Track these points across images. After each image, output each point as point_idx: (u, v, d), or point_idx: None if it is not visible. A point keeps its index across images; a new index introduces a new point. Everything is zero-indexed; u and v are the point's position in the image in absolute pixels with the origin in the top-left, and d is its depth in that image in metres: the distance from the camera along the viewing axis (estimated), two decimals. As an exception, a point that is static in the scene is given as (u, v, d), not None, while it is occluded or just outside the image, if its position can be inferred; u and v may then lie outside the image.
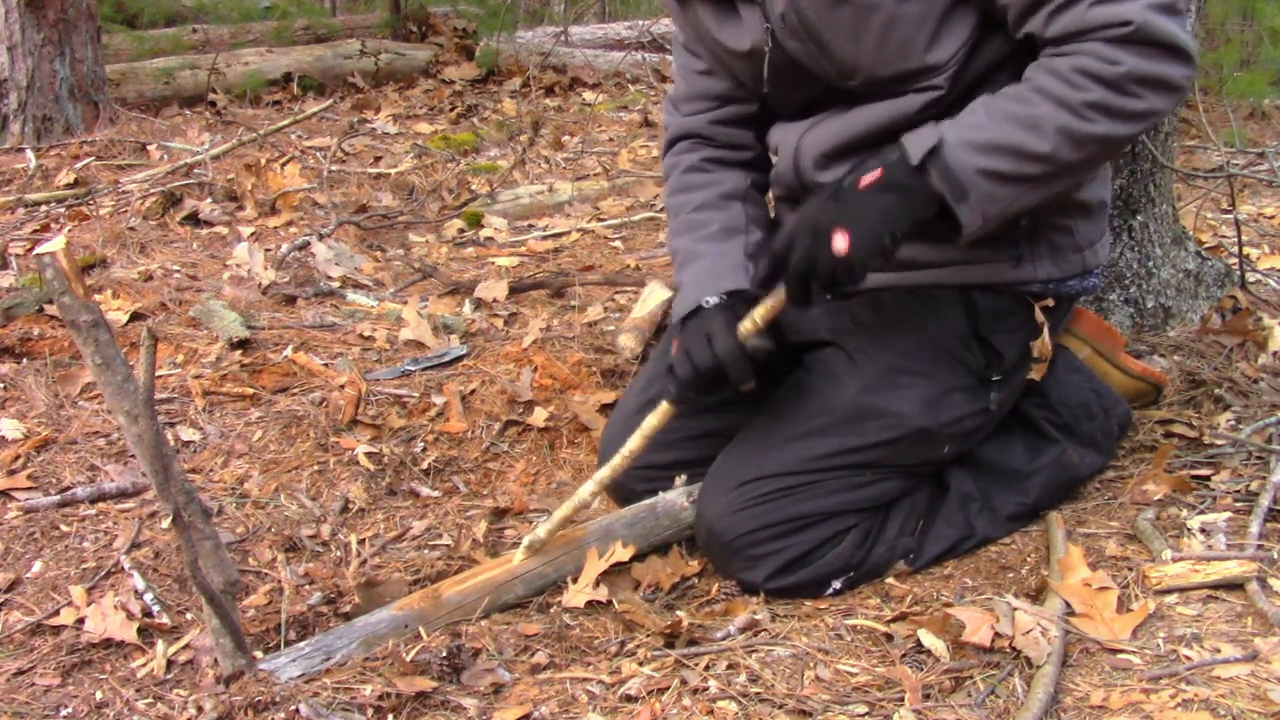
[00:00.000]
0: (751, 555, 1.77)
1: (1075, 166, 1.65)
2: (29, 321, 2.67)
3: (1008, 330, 1.85)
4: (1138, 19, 1.54)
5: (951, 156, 1.61)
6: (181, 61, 5.64)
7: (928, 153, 1.61)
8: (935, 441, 1.82)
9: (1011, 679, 1.51)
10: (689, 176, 2.00)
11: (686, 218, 1.96)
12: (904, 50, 1.68)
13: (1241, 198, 3.96)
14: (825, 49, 1.72)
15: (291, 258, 3.25)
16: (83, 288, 1.41)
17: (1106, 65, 1.56)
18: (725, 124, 1.99)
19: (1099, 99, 1.57)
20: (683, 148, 2.03)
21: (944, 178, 1.61)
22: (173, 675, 1.63)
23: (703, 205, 1.96)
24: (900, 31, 1.66)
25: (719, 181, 1.98)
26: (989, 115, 1.62)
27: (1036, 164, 1.61)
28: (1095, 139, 1.60)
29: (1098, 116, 1.58)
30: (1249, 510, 1.83)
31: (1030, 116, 1.60)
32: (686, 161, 2.01)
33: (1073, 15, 1.58)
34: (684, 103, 2.02)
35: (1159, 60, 1.56)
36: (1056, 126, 1.59)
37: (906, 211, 1.62)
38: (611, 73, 6.57)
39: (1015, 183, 1.62)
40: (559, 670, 1.61)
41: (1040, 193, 1.66)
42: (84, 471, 2.15)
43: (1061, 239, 1.85)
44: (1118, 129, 1.60)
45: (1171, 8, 1.57)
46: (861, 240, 1.60)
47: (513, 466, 2.29)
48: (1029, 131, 1.59)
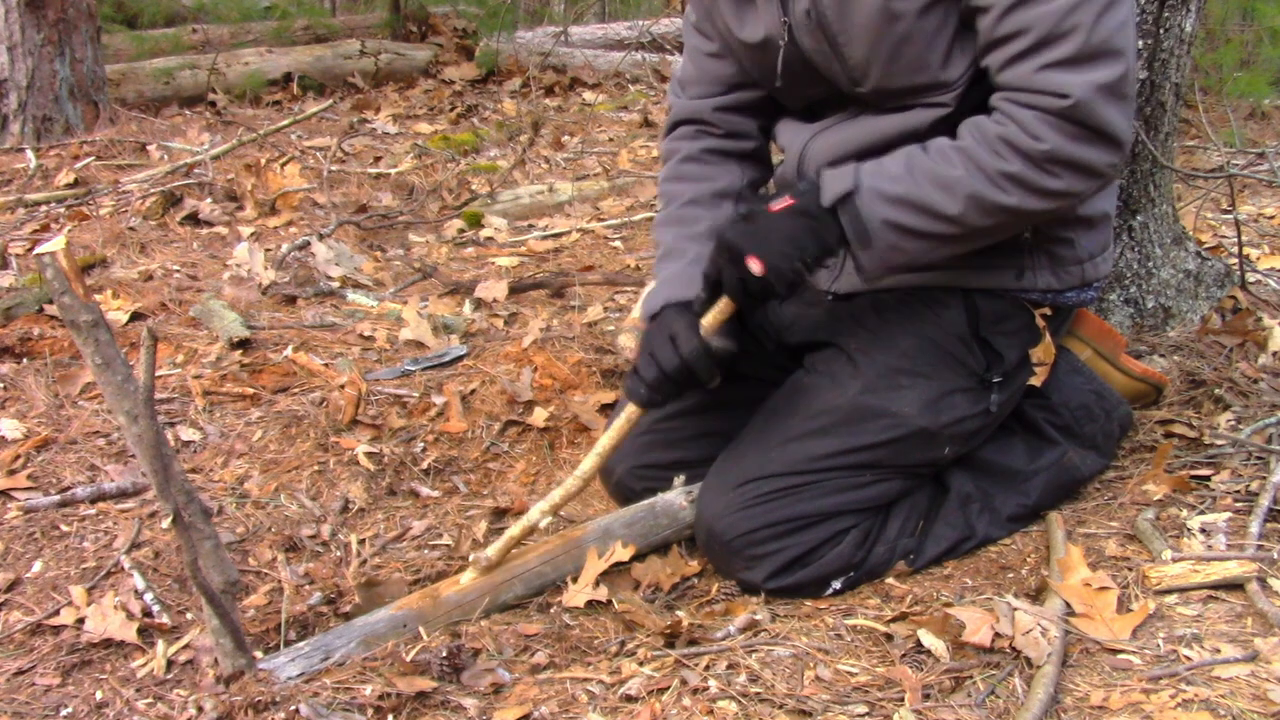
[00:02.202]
0: (751, 555, 1.77)
1: (983, 232, 1.67)
2: (29, 321, 2.67)
3: (1008, 332, 1.86)
4: (1078, 95, 1.55)
5: (862, 204, 1.64)
6: (181, 61, 5.64)
7: (840, 197, 1.64)
8: (935, 442, 1.82)
9: (1011, 679, 1.51)
10: (686, 166, 2.00)
11: (676, 210, 1.97)
12: (917, 64, 1.68)
13: (1241, 198, 3.96)
14: (839, 51, 1.72)
15: (291, 258, 3.25)
16: (83, 288, 1.41)
17: (1031, 140, 1.57)
18: (730, 110, 1.98)
19: (1016, 171, 1.59)
20: (684, 133, 2.02)
21: (852, 224, 1.64)
22: (173, 675, 1.63)
23: (694, 200, 1.96)
24: (916, 45, 1.67)
25: (714, 177, 1.98)
26: (908, 168, 1.64)
27: (944, 224, 1.63)
28: (1005, 209, 1.62)
29: (1012, 188, 1.60)
30: (1249, 510, 1.83)
31: (946, 177, 1.62)
32: (686, 149, 2.01)
33: (1022, 70, 1.58)
34: (690, 85, 2.01)
35: (1085, 144, 1.57)
36: (969, 192, 1.61)
37: (814, 239, 1.65)
38: (611, 73, 6.57)
39: (920, 238, 1.65)
40: (559, 670, 1.61)
41: (946, 251, 1.69)
42: (84, 471, 2.15)
43: (1063, 251, 1.85)
44: (1030, 203, 1.62)
45: (1116, 90, 1.57)
46: (772, 264, 1.64)
47: (513, 466, 2.29)
48: (941, 191, 1.62)
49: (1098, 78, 1.55)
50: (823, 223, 1.65)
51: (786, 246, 1.64)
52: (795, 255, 1.64)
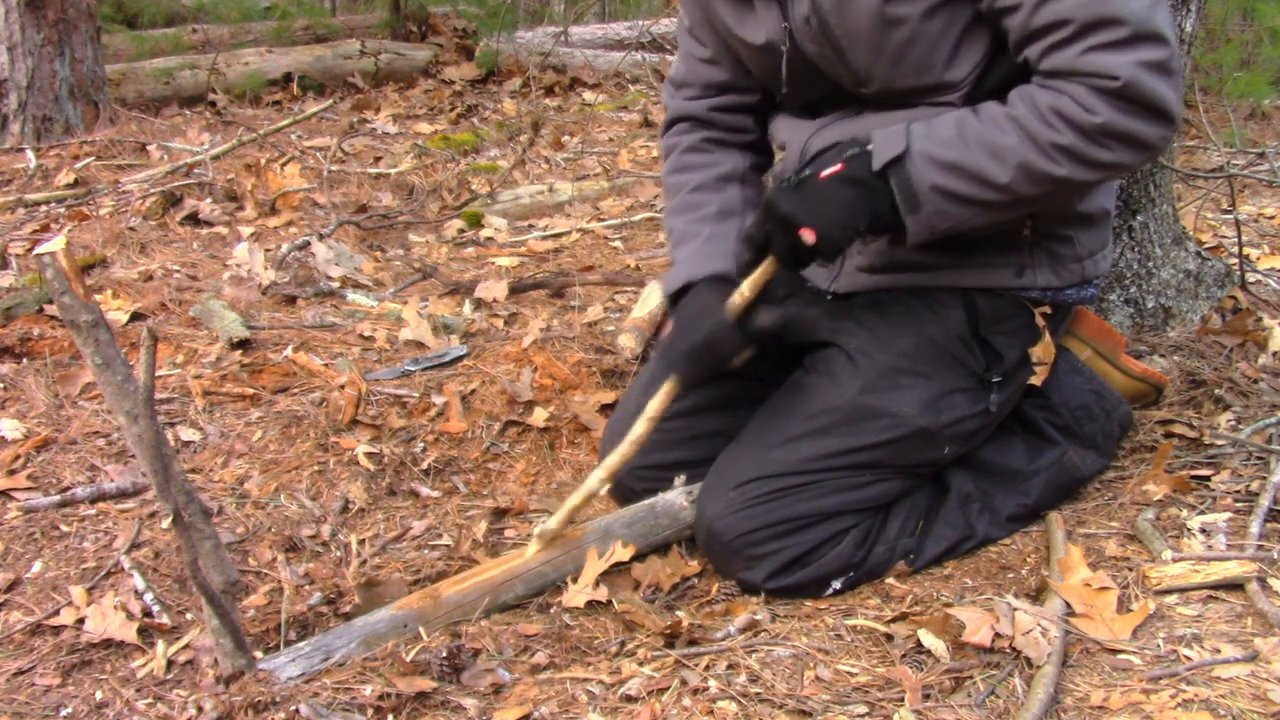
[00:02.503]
0: (751, 555, 1.77)
1: (1031, 200, 1.67)
2: (29, 321, 2.67)
3: (1008, 332, 1.86)
4: (1126, 75, 1.54)
5: (913, 168, 1.63)
6: (181, 61, 5.64)
7: (890, 161, 1.64)
8: (935, 442, 1.82)
9: (1011, 679, 1.51)
10: (687, 156, 2.01)
11: (684, 198, 1.98)
12: (922, 66, 1.68)
13: (1241, 198, 3.96)
14: (843, 56, 1.72)
15: (291, 258, 3.25)
16: (83, 288, 1.41)
17: (1084, 113, 1.57)
18: (725, 110, 1.99)
19: (1068, 143, 1.59)
20: (682, 129, 2.04)
21: (901, 187, 1.64)
22: (173, 675, 1.63)
23: (700, 186, 1.97)
24: (920, 47, 1.67)
25: (717, 163, 1.98)
26: (959, 133, 1.64)
27: (993, 191, 1.63)
28: (1055, 180, 1.62)
29: (1063, 159, 1.60)
30: (1249, 510, 1.83)
31: (997, 145, 1.61)
32: (686, 141, 2.02)
33: (1065, 55, 1.58)
34: (684, 87, 2.02)
35: (1137, 118, 1.57)
36: (1019, 161, 1.60)
37: (866, 206, 1.65)
38: (611, 73, 6.57)
39: (969, 204, 1.65)
40: (559, 670, 1.61)
41: (992, 217, 1.69)
42: (84, 471, 2.15)
43: (1062, 249, 1.85)
44: (1080, 174, 1.62)
45: (1164, 67, 1.56)
46: (826, 233, 1.64)
47: (513, 466, 2.29)
48: (992, 159, 1.61)
49: (1143, 56, 1.54)
50: (873, 189, 1.65)
51: (838, 214, 1.64)
52: (847, 223, 1.65)
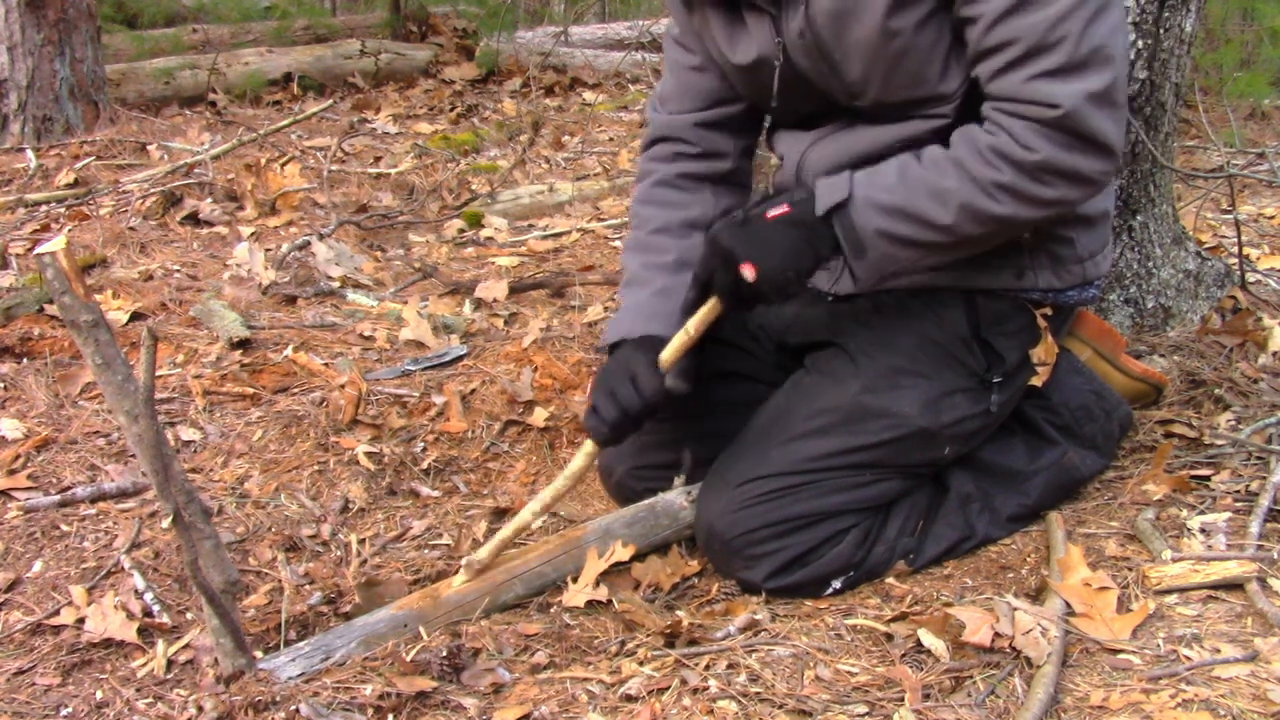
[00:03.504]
0: (751, 554, 1.77)
1: (975, 240, 1.68)
2: (29, 321, 2.67)
3: (1009, 333, 1.86)
4: (1068, 105, 1.54)
5: (856, 214, 1.64)
6: (181, 61, 5.64)
7: (833, 206, 1.64)
8: (936, 442, 1.82)
9: (1011, 679, 1.51)
10: (659, 190, 1.99)
11: (644, 236, 1.96)
12: (916, 78, 1.68)
13: (1241, 198, 3.96)
14: (836, 69, 1.72)
15: (291, 258, 3.25)
16: (83, 287, 1.41)
17: (1023, 150, 1.57)
18: (709, 127, 1.97)
19: (1009, 181, 1.59)
20: (660, 153, 2.01)
21: (845, 233, 1.65)
22: (173, 675, 1.63)
23: (663, 228, 1.95)
24: (913, 60, 1.67)
25: (686, 205, 1.96)
26: (901, 178, 1.64)
27: (937, 233, 1.64)
28: (997, 219, 1.63)
29: (1005, 198, 1.60)
30: (1249, 510, 1.83)
31: (939, 188, 1.62)
32: (661, 172, 1.99)
33: (1012, 80, 1.58)
34: (670, 100, 2.00)
35: (1077, 153, 1.57)
36: (961, 202, 1.61)
37: (809, 249, 1.66)
38: (611, 73, 6.58)
39: (914, 247, 1.66)
40: (559, 670, 1.61)
41: (938, 258, 1.71)
42: (84, 471, 2.15)
43: (1063, 250, 1.85)
44: (1022, 212, 1.62)
45: (1108, 100, 1.56)
46: (765, 273, 1.64)
47: (513, 466, 2.29)
48: (934, 202, 1.62)
49: (1087, 87, 1.55)
50: (817, 232, 1.66)
51: (781, 256, 1.65)
52: (789, 265, 1.65)
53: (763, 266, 1.64)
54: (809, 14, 1.68)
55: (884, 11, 1.62)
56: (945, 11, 1.65)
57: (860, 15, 1.64)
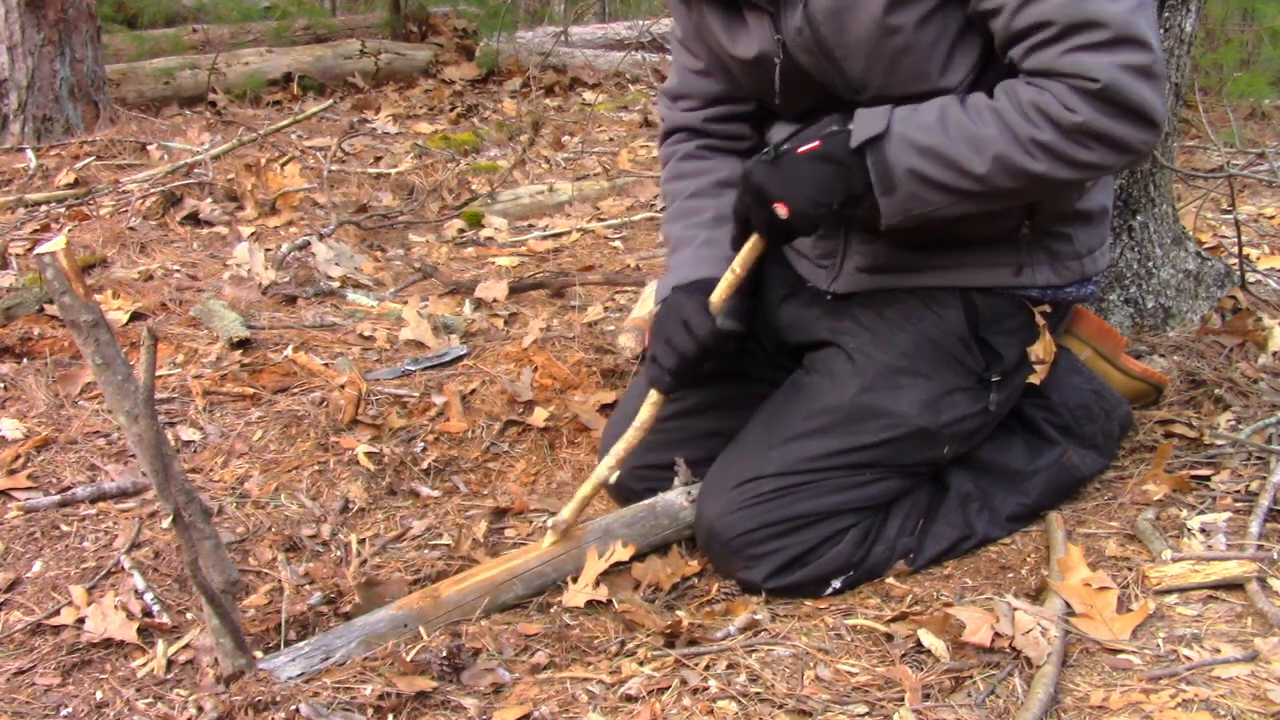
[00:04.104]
0: (751, 554, 1.77)
1: (1007, 193, 1.66)
2: (29, 321, 2.67)
3: (1007, 332, 1.86)
4: (1106, 78, 1.53)
5: (890, 150, 1.63)
6: (181, 61, 5.64)
7: (868, 140, 1.64)
8: (935, 442, 1.82)
9: (1011, 679, 1.51)
10: (684, 164, 2.02)
11: (681, 204, 1.99)
12: (917, 74, 1.68)
13: (1241, 198, 3.96)
14: (838, 66, 1.71)
15: (291, 258, 3.25)
16: (83, 287, 1.41)
17: (1064, 111, 1.56)
18: (719, 121, 2.00)
19: (1048, 140, 1.58)
20: (679, 138, 2.05)
21: (877, 167, 1.64)
22: (173, 675, 1.63)
23: (697, 192, 1.98)
24: (915, 56, 1.66)
25: (714, 169, 1.99)
26: (940, 120, 1.63)
27: (968, 180, 1.63)
28: (1032, 175, 1.61)
29: (1041, 156, 1.59)
30: (1249, 510, 1.83)
31: (977, 135, 1.61)
32: (683, 150, 2.03)
33: (1046, 56, 1.57)
34: (679, 99, 2.03)
35: (1119, 121, 1.56)
36: (997, 153, 1.60)
37: (840, 184, 1.65)
38: (611, 73, 6.57)
39: (944, 191, 1.64)
40: (559, 670, 1.61)
41: (967, 207, 1.68)
42: (84, 471, 2.15)
43: (1061, 247, 1.85)
44: (1058, 172, 1.61)
45: (1146, 70, 1.55)
46: (798, 209, 1.65)
47: (513, 466, 2.29)
48: (970, 149, 1.61)
49: (1125, 59, 1.54)
50: (848, 167, 1.65)
51: (812, 191, 1.64)
52: (821, 200, 1.65)
53: (794, 203, 1.65)
54: (808, 11, 1.68)
55: (883, 8, 1.62)
56: (952, 7, 1.64)
57: (859, 12, 1.64)
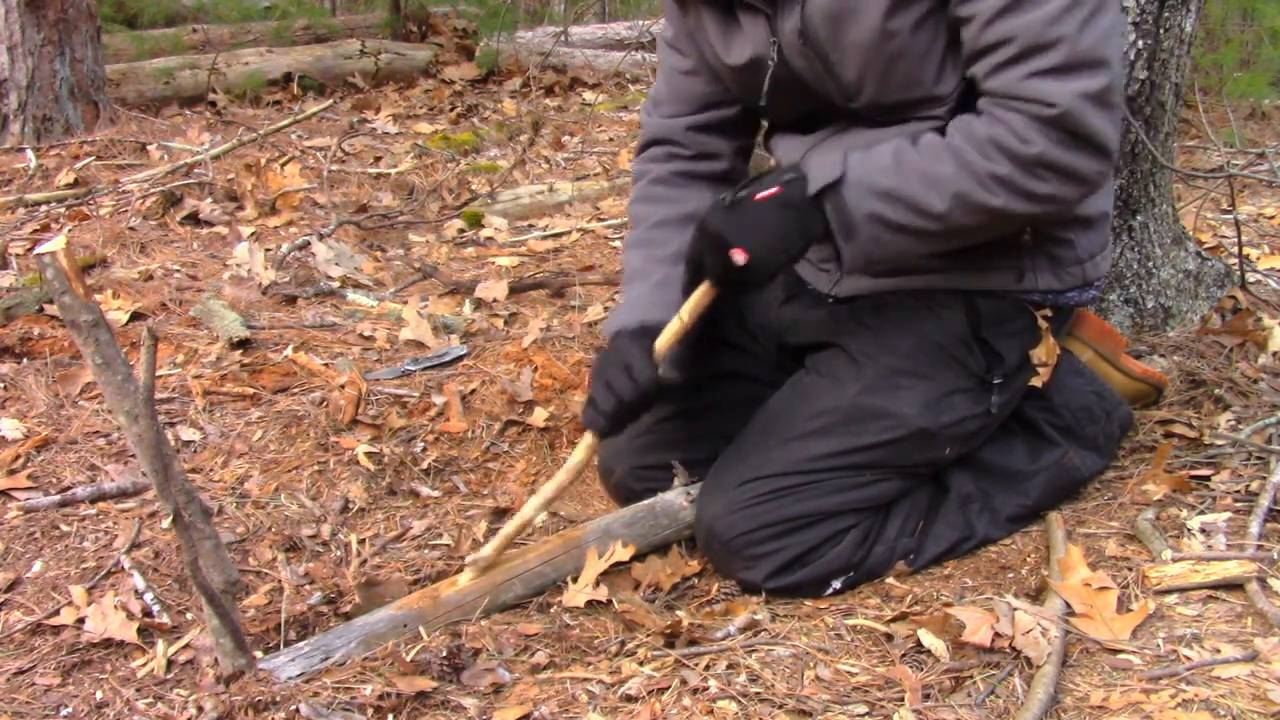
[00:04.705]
0: (751, 555, 1.77)
1: (968, 230, 1.67)
2: (29, 321, 2.67)
3: (1009, 334, 1.85)
4: (1064, 104, 1.54)
5: (848, 195, 1.63)
6: (181, 61, 5.64)
7: (825, 186, 1.63)
8: (936, 443, 1.82)
9: (1011, 679, 1.51)
10: (655, 188, 1.99)
11: (644, 232, 1.96)
12: (911, 80, 1.68)
13: (1241, 198, 3.96)
14: (832, 70, 1.71)
15: (291, 258, 3.25)
16: (83, 287, 1.41)
17: (1020, 144, 1.57)
18: (702, 130, 1.97)
19: (1005, 174, 1.59)
20: (655, 154, 2.01)
21: (836, 214, 1.63)
22: (173, 675, 1.63)
23: (663, 222, 1.95)
24: (909, 61, 1.66)
25: (683, 200, 1.96)
26: (895, 162, 1.63)
27: (929, 220, 1.63)
28: (990, 210, 1.62)
29: (999, 190, 1.60)
30: (1249, 510, 1.83)
31: (933, 175, 1.61)
32: (656, 171, 1.99)
33: (1008, 78, 1.58)
34: (663, 104, 2.00)
35: (1073, 151, 1.57)
36: (955, 191, 1.60)
37: (800, 230, 1.64)
38: (611, 73, 6.58)
39: (905, 234, 1.64)
40: (559, 670, 1.61)
41: (931, 247, 1.69)
42: (84, 471, 2.15)
43: (1063, 252, 1.85)
44: (1016, 205, 1.61)
45: (1104, 100, 1.56)
46: (756, 255, 1.63)
47: (513, 466, 2.29)
48: (929, 188, 1.61)
49: (1083, 86, 1.55)
50: (807, 214, 1.64)
51: (771, 238, 1.63)
52: (780, 248, 1.64)
53: (753, 250, 1.63)
54: (805, 14, 1.68)
55: (883, 12, 1.62)
56: (941, 12, 1.64)
57: (859, 16, 1.64)
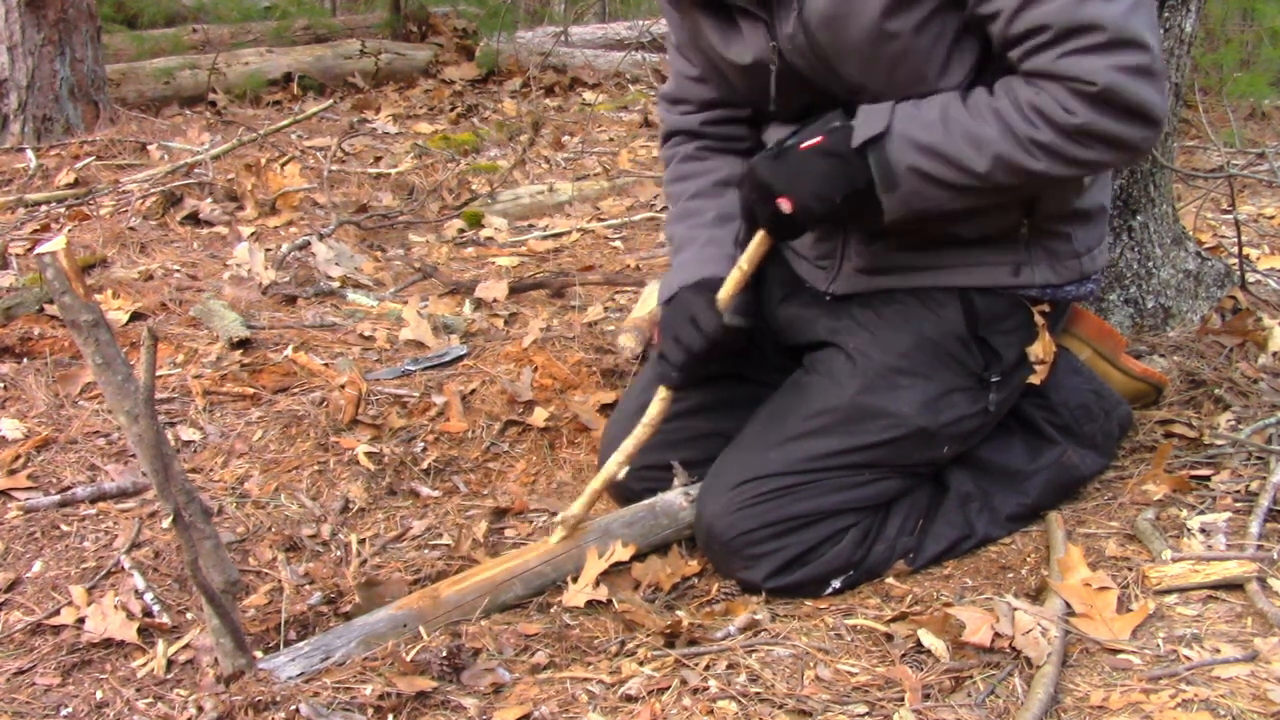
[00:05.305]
0: (750, 554, 1.77)
1: (1006, 189, 1.67)
2: (29, 321, 2.67)
3: (1006, 331, 1.86)
4: (1104, 81, 1.54)
5: (892, 147, 1.65)
6: (181, 61, 5.64)
7: (870, 139, 1.65)
8: (934, 442, 1.82)
9: (1011, 679, 1.51)
10: (684, 165, 2.03)
11: (683, 205, 2.00)
12: (915, 77, 1.68)
13: (1241, 198, 3.96)
14: (834, 70, 1.71)
15: (291, 258, 3.25)
16: (83, 287, 1.41)
17: (1063, 113, 1.57)
18: (717, 124, 2.02)
19: (1048, 140, 1.59)
20: (678, 140, 2.07)
21: (879, 165, 1.65)
22: (173, 675, 1.63)
23: (698, 193, 1.99)
24: (913, 60, 1.66)
25: (715, 169, 2.01)
26: (942, 118, 1.64)
27: (968, 177, 1.64)
28: (1031, 173, 1.63)
29: (1041, 155, 1.60)
30: (1249, 510, 1.83)
31: (978, 134, 1.62)
32: (683, 151, 2.05)
33: (1043, 60, 1.58)
34: (677, 103, 2.05)
35: (1118, 120, 1.56)
36: (997, 152, 1.61)
37: (843, 179, 1.66)
38: (611, 73, 6.57)
39: (944, 187, 1.66)
40: (559, 670, 1.61)
41: (968, 201, 1.70)
42: (84, 471, 2.15)
43: (1060, 246, 1.85)
44: (1057, 170, 1.62)
45: (1144, 70, 1.55)
46: (802, 203, 1.67)
47: (513, 466, 2.29)
48: (972, 147, 1.62)
49: (1121, 61, 1.54)
50: (851, 163, 1.66)
51: (815, 186, 1.66)
52: (823, 195, 1.67)
53: (798, 199, 1.66)
54: (802, 18, 1.68)
55: (879, 14, 1.62)
56: (950, 11, 1.64)
57: (855, 18, 1.64)
